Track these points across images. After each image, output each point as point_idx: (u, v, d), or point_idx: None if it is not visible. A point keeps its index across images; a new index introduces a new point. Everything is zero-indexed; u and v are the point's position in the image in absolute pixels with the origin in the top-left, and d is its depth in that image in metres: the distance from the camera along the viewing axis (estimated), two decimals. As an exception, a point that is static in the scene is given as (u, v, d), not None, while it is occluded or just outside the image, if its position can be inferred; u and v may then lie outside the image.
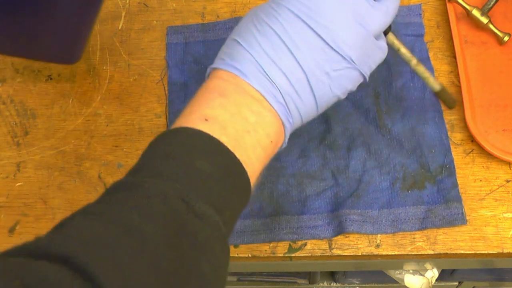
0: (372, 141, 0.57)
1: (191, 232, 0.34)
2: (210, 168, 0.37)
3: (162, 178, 0.36)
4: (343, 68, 0.41)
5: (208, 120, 0.39)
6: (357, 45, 0.41)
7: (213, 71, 0.42)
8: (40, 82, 0.63)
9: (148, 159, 0.38)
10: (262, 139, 0.40)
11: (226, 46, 0.43)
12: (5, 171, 0.58)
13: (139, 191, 0.34)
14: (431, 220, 0.53)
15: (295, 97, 0.41)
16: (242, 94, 0.40)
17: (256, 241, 0.54)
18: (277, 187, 0.55)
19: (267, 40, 0.40)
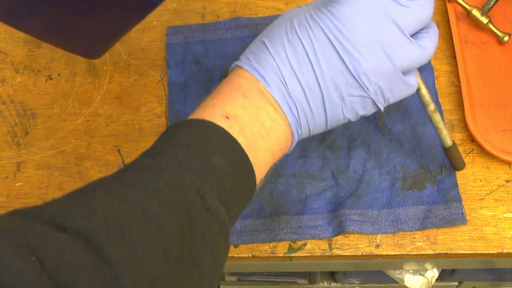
0: (372, 141, 0.57)
1: (201, 226, 0.35)
2: (225, 166, 0.38)
3: (182, 167, 0.36)
4: (359, 96, 0.42)
5: (229, 118, 0.40)
6: (378, 78, 0.41)
7: (238, 69, 0.43)
8: (40, 82, 0.63)
9: (168, 145, 0.38)
10: (273, 145, 0.42)
11: (254, 46, 0.43)
12: (5, 171, 0.58)
13: (159, 177, 0.35)
14: (431, 220, 0.53)
15: (308, 112, 0.42)
16: (262, 99, 0.41)
17: (256, 241, 0.54)
18: (277, 187, 0.55)
19: (294, 52, 0.41)
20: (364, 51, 0.41)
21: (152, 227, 0.32)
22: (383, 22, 0.41)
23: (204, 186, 0.36)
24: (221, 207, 0.37)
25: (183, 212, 0.34)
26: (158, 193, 0.34)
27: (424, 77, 0.59)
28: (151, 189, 0.34)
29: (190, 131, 0.39)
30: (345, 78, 0.41)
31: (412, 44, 0.42)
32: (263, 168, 0.42)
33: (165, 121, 0.60)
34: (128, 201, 0.33)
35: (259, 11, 0.64)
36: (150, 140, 0.59)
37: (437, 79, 0.59)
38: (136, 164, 0.37)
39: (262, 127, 0.41)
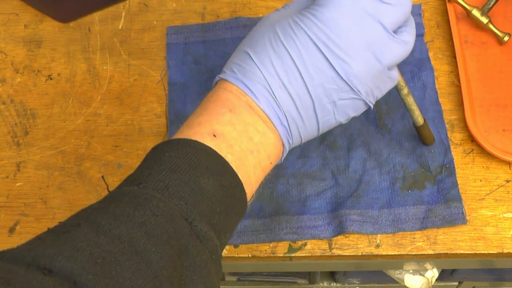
0: (372, 141, 0.57)
1: (191, 254, 0.34)
2: (214, 188, 0.37)
3: (168, 193, 0.35)
4: (350, 99, 0.41)
5: (216, 136, 0.39)
6: (368, 79, 0.41)
7: (223, 82, 0.42)
8: (40, 82, 0.63)
9: (153, 170, 0.37)
10: (263, 160, 0.41)
11: (237, 57, 0.42)
12: (5, 171, 0.58)
13: (146, 207, 0.34)
14: (431, 220, 0.53)
15: (299, 121, 0.41)
16: (251, 113, 0.40)
17: (256, 241, 0.54)
18: (277, 187, 0.55)
19: (280, 62, 0.40)
20: (352, 53, 0.40)
21: (140, 262, 0.31)
22: (367, 22, 0.40)
23: (193, 212, 0.35)
24: (211, 232, 0.36)
25: (172, 242, 0.33)
26: (145, 225, 0.33)
27: (424, 77, 0.59)
28: (137, 220, 0.33)
29: (176, 152, 0.37)
30: (335, 83, 0.40)
31: (396, 40, 0.41)
32: (254, 184, 0.41)
33: (165, 121, 0.60)
34: (114, 236, 0.32)
35: (259, 11, 0.64)
36: (150, 140, 0.59)
37: (437, 79, 0.59)
38: (121, 193, 0.36)
39: (251, 142, 0.40)
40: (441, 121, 0.57)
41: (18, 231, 0.56)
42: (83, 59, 0.63)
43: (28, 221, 0.56)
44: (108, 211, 0.34)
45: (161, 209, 0.34)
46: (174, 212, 0.34)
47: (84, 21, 0.65)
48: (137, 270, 0.31)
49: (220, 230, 0.37)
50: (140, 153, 0.58)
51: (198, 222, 0.35)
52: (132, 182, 0.37)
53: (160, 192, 0.35)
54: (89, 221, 0.33)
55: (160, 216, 0.34)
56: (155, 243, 0.32)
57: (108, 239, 0.31)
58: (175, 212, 0.35)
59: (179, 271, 0.33)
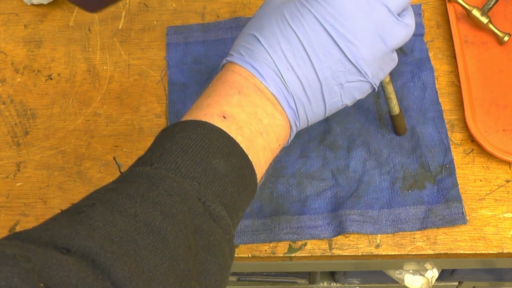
0: (372, 141, 0.57)
1: (205, 234, 0.35)
2: (225, 169, 0.37)
3: (181, 173, 0.36)
4: (357, 81, 0.42)
5: (226, 117, 0.39)
6: (374, 61, 0.41)
7: (230, 64, 0.42)
8: (40, 82, 0.63)
9: (165, 150, 0.37)
10: (272, 142, 0.41)
11: (244, 40, 0.42)
12: (5, 171, 0.58)
13: (160, 187, 0.34)
14: (431, 220, 0.53)
15: (306, 104, 0.41)
16: (259, 95, 0.40)
17: (256, 241, 0.54)
18: (277, 187, 0.55)
19: (288, 44, 0.40)
20: (360, 36, 0.40)
21: (157, 241, 0.31)
22: (374, 5, 0.41)
23: (206, 192, 0.36)
24: (224, 211, 0.36)
25: (187, 221, 0.34)
26: (160, 204, 0.33)
27: (424, 77, 0.59)
28: (152, 200, 0.33)
29: (187, 133, 0.38)
30: (343, 65, 0.40)
31: (400, 23, 0.42)
32: (263, 166, 0.41)
33: (165, 121, 0.60)
34: (130, 215, 0.32)
35: (259, 11, 0.64)
36: (150, 140, 0.59)
37: (437, 79, 0.59)
38: (134, 173, 0.36)
39: (260, 124, 0.40)
40: (441, 121, 0.57)
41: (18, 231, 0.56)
42: (83, 59, 0.63)
43: (28, 221, 0.56)
44: (122, 191, 0.34)
45: (175, 189, 0.34)
46: (187, 192, 0.35)
47: (84, 21, 0.65)
48: (154, 249, 0.31)
49: (232, 210, 0.37)
50: (140, 153, 0.58)
51: (211, 202, 0.35)
52: (144, 163, 0.37)
53: (173, 173, 0.35)
54: (103, 201, 0.33)
55: (174, 196, 0.34)
56: (170, 222, 0.33)
57: (123, 218, 0.32)
58: (188, 192, 0.35)
59: (193, 250, 0.33)
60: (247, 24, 0.44)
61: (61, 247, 0.29)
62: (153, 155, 0.37)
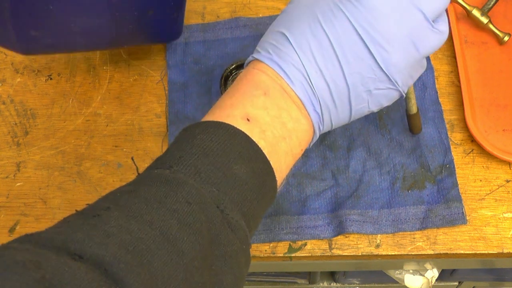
0: (372, 141, 0.57)
1: (222, 244, 0.34)
2: (246, 175, 0.36)
3: (200, 178, 0.35)
4: (386, 89, 0.40)
5: (250, 120, 0.38)
6: (406, 69, 0.40)
7: (257, 62, 0.40)
8: (40, 82, 0.63)
9: (185, 152, 0.36)
10: (295, 147, 0.40)
11: (272, 37, 0.40)
12: (5, 171, 0.58)
13: (178, 193, 0.33)
14: (431, 220, 0.53)
15: (332, 108, 0.40)
16: (285, 98, 0.39)
17: (256, 241, 0.54)
18: None
19: (319, 46, 0.38)
20: (393, 42, 0.38)
21: (172, 252, 0.31)
22: (410, 10, 0.39)
23: (225, 199, 0.35)
24: (242, 220, 0.35)
25: (204, 231, 0.33)
26: (178, 212, 0.32)
27: (424, 77, 0.59)
28: (170, 207, 0.32)
29: (209, 135, 0.36)
30: (373, 72, 0.39)
31: (434, 30, 0.40)
32: (284, 171, 0.40)
33: (165, 121, 0.60)
34: (146, 222, 0.31)
35: (259, 11, 0.64)
36: (150, 140, 0.59)
37: (437, 79, 0.59)
38: (152, 176, 0.35)
39: (284, 129, 0.39)
40: (441, 121, 0.57)
41: (18, 231, 0.56)
42: (83, 59, 0.63)
43: (28, 221, 0.56)
44: (138, 195, 0.33)
45: (193, 196, 0.33)
46: (206, 200, 0.34)
47: (84, 21, 0.65)
48: (169, 260, 0.30)
49: (250, 218, 0.36)
50: (140, 153, 0.58)
51: (229, 210, 0.34)
52: (163, 164, 0.36)
53: (192, 177, 0.34)
54: (119, 205, 0.32)
55: (193, 204, 0.33)
56: (187, 232, 0.32)
57: (139, 225, 0.31)
58: (207, 199, 0.34)
59: (209, 260, 0.33)
60: (275, 20, 0.42)
61: (73, 253, 0.28)
62: (173, 157, 0.36)
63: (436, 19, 0.41)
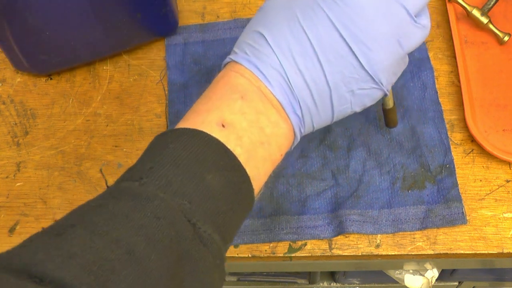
0: (372, 141, 0.57)
1: (194, 259, 0.32)
2: (220, 185, 0.34)
3: (171, 190, 0.33)
4: (370, 88, 0.39)
5: (225, 126, 0.36)
6: (390, 67, 0.39)
7: (234, 64, 0.39)
8: (40, 82, 0.63)
9: (156, 163, 0.34)
10: (274, 152, 0.38)
11: (249, 37, 0.39)
12: (5, 171, 0.58)
13: (147, 207, 0.32)
14: (431, 220, 0.53)
15: (313, 110, 0.38)
16: (263, 101, 0.37)
17: (256, 241, 0.54)
18: (277, 187, 0.55)
19: (298, 46, 0.37)
20: (377, 39, 0.37)
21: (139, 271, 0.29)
22: (393, 6, 0.37)
23: (197, 212, 0.33)
24: (216, 234, 0.34)
25: (174, 247, 0.31)
26: (146, 228, 0.31)
27: (424, 77, 0.59)
28: (137, 223, 0.31)
29: (181, 144, 0.35)
30: (356, 72, 0.38)
31: (418, 26, 0.39)
32: (262, 178, 0.38)
33: (165, 121, 0.60)
34: (112, 239, 0.30)
35: (259, 11, 0.64)
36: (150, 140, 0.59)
37: (437, 79, 0.59)
38: (121, 189, 0.33)
39: (262, 134, 0.37)
40: (441, 121, 0.57)
41: (18, 231, 0.56)
42: (83, 59, 0.63)
43: (28, 221, 0.56)
44: (105, 210, 0.32)
45: (163, 210, 0.32)
46: (176, 214, 0.32)
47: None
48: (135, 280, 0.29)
49: (225, 231, 0.35)
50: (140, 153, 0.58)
51: (202, 223, 0.33)
52: (132, 176, 0.34)
53: (163, 190, 0.33)
54: (84, 221, 0.31)
55: (162, 219, 0.31)
56: (155, 249, 0.30)
57: (104, 243, 0.29)
58: (177, 213, 0.32)
59: (179, 277, 0.31)
60: (252, 18, 0.40)
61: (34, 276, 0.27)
62: (143, 168, 0.34)
63: (419, 14, 0.40)
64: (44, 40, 0.56)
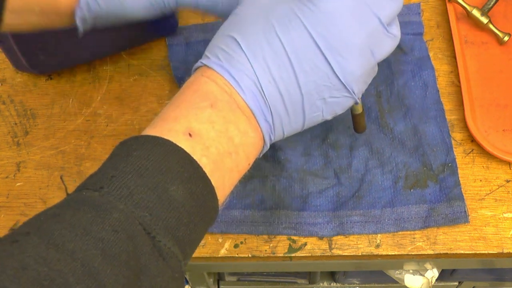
0: (374, 140, 0.57)
1: (152, 274, 0.32)
2: (183, 197, 0.33)
3: (132, 201, 0.32)
4: (342, 97, 0.39)
5: (192, 136, 0.35)
6: (363, 76, 0.39)
7: (206, 69, 0.38)
8: (40, 82, 0.63)
9: (118, 171, 0.33)
10: (242, 162, 0.38)
11: (223, 41, 0.38)
12: (5, 171, 0.58)
13: (105, 220, 0.31)
14: (433, 219, 0.53)
15: (284, 117, 0.38)
16: (234, 109, 0.37)
17: (254, 232, 0.53)
18: (280, 181, 0.55)
19: (273, 53, 0.37)
20: (351, 49, 0.37)
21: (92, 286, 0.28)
22: (367, 15, 0.38)
23: (157, 225, 0.32)
24: (176, 247, 0.33)
25: (131, 262, 0.30)
26: (103, 241, 0.30)
27: (425, 76, 0.59)
28: (95, 235, 0.30)
29: (145, 152, 0.34)
30: (329, 80, 0.38)
31: (389, 35, 0.39)
32: (228, 189, 0.38)
33: (165, 121, 0.60)
34: (67, 251, 0.29)
35: (259, 11, 0.64)
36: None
37: (437, 79, 0.59)
38: (80, 198, 0.32)
39: (230, 144, 0.36)
40: (443, 119, 0.57)
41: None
42: (83, 59, 0.63)
43: (28, 221, 0.56)
44: (63, 219, 0.31)
45: (122, 223, 0.31)
46: (135, 227, 0.31)
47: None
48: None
49: (186, 244, 0.34)
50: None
51: (162, 237, 0.32)
52: (94, 185, 0.33)
53: (123, 201, 0.32)
54: (40, 230, 0.30)
55: (120, 233, 0.30)
56: (111, 264, 0.29)
57: (59, 255, 0.28)
58: (137, 227, 0.31)
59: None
60: (225, 22, 0.40)
61: None
62: (105, 176, 0.33)
63: (390, 23, 0.40)
64: (44, 40, 0.56)
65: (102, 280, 0.29)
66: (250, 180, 0.55)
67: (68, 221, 0.30)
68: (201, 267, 0.74)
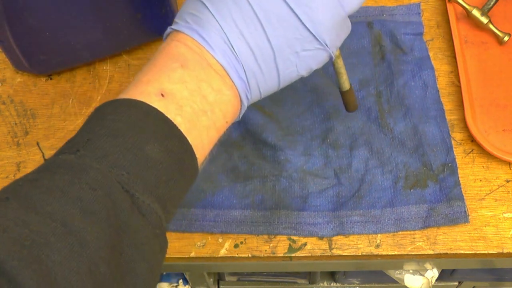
0: (374, 140, 0.57)
1: (132, 230, 0.32)
2: (160, 155, 0.34)
3: (108, 162, 0.32)
4: (314, 49, 0.39)
5: (164, 96, 0.35)
6: (333, 27, 0.39)
7: (175, 34, 0.38)
8: (40, 82, 0.63)
9: (93, 134, 0.34)
10: (218, 120, 0.38)
11: (190, 6, 0.38)
12: (5, 171, 0.58)
13: (82, 180, 0.31)
14: (433, 219, 0.53)
15: (258, 74, 0.38)
16: (205, 68, 0.37)
17: (254, 232, 0.53)
18: (280, 181, 0.55)
19: (239, 10, 0.37)
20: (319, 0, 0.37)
21: (74, 244, 0.29)
22: None
23: (135, 183, 0.32)
24: (156, 204, 0.33)
25: (111, 219, 0.31)
26: (81, 200, 0.30)
27: (425, 76, 0.59)
28: (73, 195, 0.30)
29: (119, 115, 0.34)
30: (298, 32, 0.38)
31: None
32: (207, 147, 0.38)
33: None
34: (46, 213, 0.29)
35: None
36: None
37: (437, 79, 0.59)
38: (57, 162, 0.33)
39: (204, 102, 0.37)
40: (443, 119, 0.57)
41: None
42: (83, 59, 0.63)
43: (28, 221, 0.56)
44: (41, 184, 0.31)
45: (99, 181, 0.31)
46: (113, 185, 0.32)
47: (84, 21, 0.65)
48: (70, 253, 0.28)
49: (166, 200, 0.34)
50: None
51: (140, 194, 0.32)
52: (70, 149, 0.34)
53: (99, 162, 0.32)
54: (19, 195, 0.30)
55: (98, 190, 0.31)
56: (91, 221, 0.30)
57: (39, 217, 0.29)
58: (114, 184, 0.32)
59: (118, 249, 0.31)
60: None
61: None
62: (81, 140, 0.34)
63: None
64: (44, 40, 0.56)
65: (84, 237, 0.29)
66: (250, 180, 0.55)
67: (46, 185, 0.31)
68: (201, 267, 0.74)
